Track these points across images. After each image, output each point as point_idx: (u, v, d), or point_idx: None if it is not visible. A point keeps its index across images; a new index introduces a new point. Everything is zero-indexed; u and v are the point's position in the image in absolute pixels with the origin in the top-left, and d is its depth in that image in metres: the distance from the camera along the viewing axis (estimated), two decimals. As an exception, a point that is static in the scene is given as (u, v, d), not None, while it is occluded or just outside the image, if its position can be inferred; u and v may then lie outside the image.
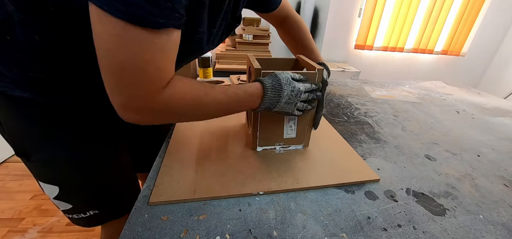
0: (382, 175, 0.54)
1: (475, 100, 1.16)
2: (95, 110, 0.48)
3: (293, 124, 0.57)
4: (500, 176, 0.58)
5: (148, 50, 0.30)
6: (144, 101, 0.33)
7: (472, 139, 0.76)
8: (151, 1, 0.27)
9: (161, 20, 0.29)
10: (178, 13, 0.30)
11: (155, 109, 0.35)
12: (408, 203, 0.47)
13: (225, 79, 1.08)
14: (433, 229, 0.42)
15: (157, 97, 0.34)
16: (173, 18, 0.30)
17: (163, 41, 0.31)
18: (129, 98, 0.33)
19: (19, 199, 1.33)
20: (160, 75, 0.33)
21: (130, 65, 0.30)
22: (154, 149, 0.58)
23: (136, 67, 0.30)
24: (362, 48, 2.63)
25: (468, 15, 2.62)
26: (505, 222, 0.45)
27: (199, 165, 0.52)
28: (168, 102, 0.35)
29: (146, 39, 0.29)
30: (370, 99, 1.06)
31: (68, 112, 0.45)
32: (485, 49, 2.89)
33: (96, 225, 0.56)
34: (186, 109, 0.39)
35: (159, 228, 0.38)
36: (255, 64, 0.50)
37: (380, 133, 0.75)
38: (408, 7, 2.44)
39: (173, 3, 0.29)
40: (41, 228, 1.18)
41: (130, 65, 0.30)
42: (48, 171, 0.47)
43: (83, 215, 0.52)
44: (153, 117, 0.37)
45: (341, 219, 0.42)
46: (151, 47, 0.30)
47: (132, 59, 0.30)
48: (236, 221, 0.40)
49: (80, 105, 0.46)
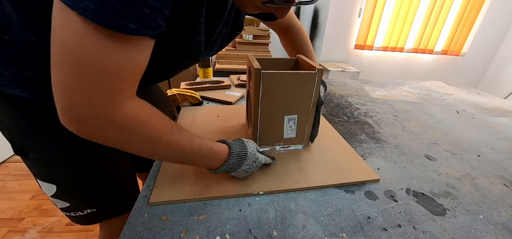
0: (382, 175, 0.54)
1: (475, 100, 1.16)
2: None
3: (293, 124, 0.57)
4: (500, 176, 0.58)
5: (112, 54, 0.27)
6: (95, 110, 0.28)
7: (472, 139, 0.76)
8: (126, 4, 0.24)
9: (133, 25, 0.26)
10: (156, 23, 0.28)
11: (106, 125, 0.30)
12: (408, 203, 0.47)
13: (225, 79, 1.08)
14: (433, 229, 0.42)
15: (113, 111, 0.29)
16: (148, 26, 0.27)
17: (131, 49, 0.28)
18: (78, 103, 0.28)
19: (19, 199, 1.33)
20: (121, 86, 0.29)
21: (88, 66, 0.26)
22: None
23: (95, 69, 0.27)
24: (362, 48, 2.63)
25: (468, 15, 2.62)
26: (505, 222, 0.45)
27: (199, 165, 0.52)
28: (124, 121, 0.31)
29: (112, 42, 0.26)
30: (370, 99, 1.06)
31: None
32: (485, 49, 2.89)
33: (95, 222, 0.56)
34: (140, 138, 0.33)
35: (159, 228, 0.38)
36: (255, 64, 0.50)
37: (380, 133, 0.75)
38: (408, 7, 2.44)
39: (152, 10, 0.26)
40: (41, 228, 1.18)
41: (88, 66, 0.26)
42: (46, 170, 0.47)
43: (81, 213, 0.53)
44: (99, 133, 0.31)
45: (341, 219, 0.42)
46: (116, 52, 0.27)
47: (92, 60, 0.26)
48: (236, 221, 0.40)
49: None
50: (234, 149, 0.44)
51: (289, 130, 0.57)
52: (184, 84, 0.98)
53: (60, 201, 0.50)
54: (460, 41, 2.79)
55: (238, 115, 0.76)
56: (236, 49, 1.96)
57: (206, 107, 0.82)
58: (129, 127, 0.31)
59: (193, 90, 0.88)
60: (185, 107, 0.80)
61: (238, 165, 0.45)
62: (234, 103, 0.87)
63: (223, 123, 0.70)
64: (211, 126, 0.68)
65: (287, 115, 0.55)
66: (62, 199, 0.50)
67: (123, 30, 0.26)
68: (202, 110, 0.79)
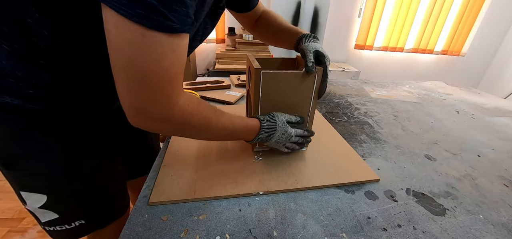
0: (382, 175, 0.54)
1: (475, 100, 1.16)
2: (87, 117, 0.47)
3: (293, 124, 0.57)
4: (500, 176, 0.58)
5: (167, 56, 0.30)
6: (161, 108, 0.33)
7: (472, 139, 0.76)
8: (167, 6, 0.26)
9: (177, 25, 0.28)
10: (190, 18, 0.30)
11: (170, 118, 0.35)
12: (408, 203, 0.47)
13: (225, 79, 1.08)
14: (433, 229, 0.42)
15: (174, 106, 0.34)
16: (186, 23, 0.30)
17: (179, 47, 0.31)
18: (146, 104, 0.32)
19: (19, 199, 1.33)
20: (177, 82, 0.33)
21: (149, 72, 0.29)
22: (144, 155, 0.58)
23: (156, 73, 0.30)
24: (362, 48, 2.63)
25: (468, 15, 2.62)
26: (505, 222, 0.45)
27: (199, 165, 0.52)
28: (182, 114, 0.36)
29: (165, 45, 0.29)
30: (370, 99, 1.06)
31: (59, 119, 0.43)
32: (485, 49, 2.89)
33: (79, 237, 0.53)
34: (196, 125, 0.39)
35: (159, 228, 0.38)
36: (255, 64, 0.50)
37: (380, 133, 0.75)
38: (408, 7, 2.45)
39: (187, 8, 0.29)
40: (41, 228, 1.18)
41: (150, 72, 0.29)
42: (37, 179, 0.44)
43: (68, 226, 0.50)
44: (165, 126, 0.36)
45: (341, 219, 0.42)
46: (169, 53, 0.30)
47: (152, 66, 0.29)
48: (236, 221, 0.40)
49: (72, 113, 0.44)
50: (264, 124, 0.49)
51: (289, 130, 0.57)
52: (184, 84, 0.98)
53: (49, 212, 0.47)
54: (460, 41, 2.79)
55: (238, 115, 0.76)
56: (236, 49, 1.96)
57: (206, 107, 0.82)
58: (187, 119, 0.37)
59: (193, 90, 0.88)
60: (185, 107, 0.80)
61: (269, 137, 0.50)
62: (234, 103, 0.87)
63: (223, 123, 0.70)
64: (211, 126, 0.68)
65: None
66: (51, 210, 0.47)
67: (171, 31, 0.28)
68: (202, 110, 0.79)
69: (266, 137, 0.50)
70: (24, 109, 0.39)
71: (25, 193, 0.45)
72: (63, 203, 0.48)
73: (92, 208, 0.52)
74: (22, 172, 0.44)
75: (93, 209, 0.52)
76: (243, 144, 0.60)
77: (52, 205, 0.47)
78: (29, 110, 0.39)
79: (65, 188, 0.47)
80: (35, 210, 0.47)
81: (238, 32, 2.11)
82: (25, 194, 0.45)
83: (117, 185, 0.57)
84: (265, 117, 0.50)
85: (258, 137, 0.49)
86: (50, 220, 0.48)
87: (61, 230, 0.50)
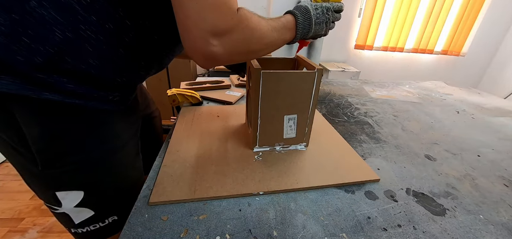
0: (382, 175, 0.54)
1: (475, 100, 1.16)
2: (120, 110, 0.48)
3: (293, 124, 0.57)
4: (500, 176, 0.58)
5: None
6: (228, 20, 0.36)
7: (472, 139, 0.76)
8: None
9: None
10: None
11: (237, 31, 0.37)
12: (408, 203, 0.47)
13: (225, 79, 1.08)
14: (433, 229, 0.42)
15: (235, 17, 0.36)
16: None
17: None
18: (216, 22, 0.35)
19: (19, 199, 1.33)
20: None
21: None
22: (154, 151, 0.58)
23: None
24: (362, 48, 2.63)
25: (468, 15, 2.62)
26: (505, 222, 0.45)
27: (199, 165, 0.52)
28: (246, 23, 0.38)
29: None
30: (370, 99, 1.06)
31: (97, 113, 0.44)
32: (485, 49, 2.89)
33: (110, 235, 0.53)
34: (257, 34, 0.41)
35: (159, 228, 0.38)
36: (254, 64, 0.50)
37: (380, 133, 0.75)
38: (408, 7, 2.44)
39: None
40: (41, 228, 1.18)
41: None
42: (74, 175, 0.45)
43: (101, 223, 0.50)
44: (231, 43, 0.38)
45: (341, 219, 0.42)
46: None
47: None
48: (236, 221, 0.40)
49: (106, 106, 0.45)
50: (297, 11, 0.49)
51: (289, 130, 0.57)
52: (184, 84, 0.98)
53: (86, 209, 0.47)
54: (460, 41, 2.79)
55: (238, 115, 0.76)
56: (236, 49, 1.95)
57: (206, 107, 0.82)
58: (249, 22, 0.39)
59: (193, 90, 0.88)
60: (185, 107, 0.80)
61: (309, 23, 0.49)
62: (234, 103, 0.87)
63: (223, 123, 0.70)
64: (211, 126, 0.68)
65: (287, 115, 0.55)
66: (88, 207, 0.48)
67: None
68: (202, 110, 0.79)
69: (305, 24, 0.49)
70: (62, 105, 0.39)
71: (62, 192, 0.45)
72: (99, 198, 0.49)
73: (125, 203, 0.52)
74: (61, 170, 0.43)
75: (125, 204, 0.52)
76: (243, 144, 0.60)
77: (89, 201, 0.47)
78: (67, 105, 0.39)
79: (103, 181, 0.48)
80: (71, 211, 0.47)
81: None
82: (61, 194, 0.45)
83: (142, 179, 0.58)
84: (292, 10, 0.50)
85: (298, 28, 0.49)
86: (85, 220, 0.49)
87: (94, 229, 0.51)
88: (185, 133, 0.64)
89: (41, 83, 0.36)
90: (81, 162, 0.44)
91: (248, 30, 0.39)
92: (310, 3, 0.51)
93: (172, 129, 0.66)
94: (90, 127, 0.44)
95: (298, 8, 0.50)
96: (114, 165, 0.49)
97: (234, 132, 0.66)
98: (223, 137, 0.63)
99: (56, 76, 0.37)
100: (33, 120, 0.39)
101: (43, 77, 0.36)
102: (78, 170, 0.45)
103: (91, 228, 0.50)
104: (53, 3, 0.33)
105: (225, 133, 0.65)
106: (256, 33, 0.41)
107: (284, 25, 0.47)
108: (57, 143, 0.41)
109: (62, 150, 0.42)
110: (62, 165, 0.43)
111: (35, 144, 0.40)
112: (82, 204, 0.47)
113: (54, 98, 0.37)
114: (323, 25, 0.51)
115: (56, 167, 0.43)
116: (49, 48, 0.34)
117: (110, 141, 0.48)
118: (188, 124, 0.69)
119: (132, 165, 0.54)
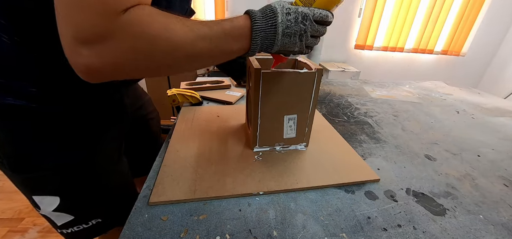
0: (382, 175, 0.54)
1: (475, 100, 1.16)
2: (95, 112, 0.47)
3: (293, 124, 0.57)
4: (500, 176, 0.58)
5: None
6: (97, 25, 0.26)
7: (472, 139, 0.76)
8: None
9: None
10: None
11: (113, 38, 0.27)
12: (408, 203, 0.47)
13: (225, 79, 1.08)
14: (433, 229, 0.42)
15: (115, 19, 0.27)
16: None
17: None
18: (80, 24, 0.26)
19: (19, 199, 1.33)
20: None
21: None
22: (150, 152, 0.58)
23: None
24: (362, 48, 2.63)
25: (468, 15, 2.62)
26: (505, 222, 0.45)
27: (199, 165, 0.52)
28: (137, 28, 0.28)
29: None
30: (370, 99, 1.06)
31: (66, 117, 0.43)
32: (485, 49, 2.89)
33: (97, 235, 0.53)
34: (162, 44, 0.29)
35: (159, 228, 0.38)
36: (254, 64, 0.50)
37: (380, 133, 0.75)
38: (408, 7, 2.44)
39: None
40: (41, 228, 1.18)
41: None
42: (48, 181, 0.44)
43: (85, 225, 0.49)
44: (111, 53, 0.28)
45: (341, 219, 0.42)
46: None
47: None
48: (236, 221, 0.40)
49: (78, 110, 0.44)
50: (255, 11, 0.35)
51: (289, 130, 0.57)
52: (184, 84, 0.98)
53: (63, 214, 0.47)
54: (460, 41, 2.79)
55: (238, 115, 0.76)
56: (236, 49, 1.95)
57: (206, 107, 0.82)
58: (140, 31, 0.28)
59: (193, 90, 0.88)
60: (185, 107, 0.80)
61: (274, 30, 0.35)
62: (234, 103, 0.87)
63: (223, 123, 0.70)
64: (211, 126, 0.68)
65: (287, 115, 0.55)
66: (66, 212, 0.47)
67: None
68: (202, 110, 0.79)
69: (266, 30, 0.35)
70: (28, 110, 0.38)
71: (38, 197, 0.44)
72: (76, 203, 0.48)
73: (108, 206, 0.51)
74: (32, 175, 0.43)
75: (108, 206, 0.52)
76: (243, 144, 0.60)
77: (65, 206, 0.46)
78: (34, 110, 0.38)
79: (79, 186, 0.47)
80: (50, 214, 0.47)
81: (238, 32, 2.10)
82: (37, 199, 0.45)
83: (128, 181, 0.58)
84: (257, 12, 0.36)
85: (255, 35, 0.35)
86: (66, 222, 0.48)
87: (78, 230, 0.50)
88: (185, 133, 0.64)
89: None
90: (48, 169, 0.43)
91: (142, 38, 0.28)
92: (283, 4, 0.36)
93: (172, 129, 0.66)
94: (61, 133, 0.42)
95: (263, 9, 0.36)
96: (90, 170, 0.47)
97: (234, 132, 0.66)
98: (223, 137, 0.63)
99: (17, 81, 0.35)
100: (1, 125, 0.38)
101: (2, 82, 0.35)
102: (50, 175, 0.43)
103: (75, 229, 0.49)
104: None
105: (225, 133, 0.65)
106: (160, 42, 0.29)
107: (229, 31, 0.34)
108: (20, 150, 0.40)
109: (26, 157, 0.41)
110: (30, 171, 0.42)
111: (5, 149, 0.40)
112: (60, 209, 0.46)
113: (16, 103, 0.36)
114: (296, 38, 0.37)
115: (26, 172, 0.42)
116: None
117: (83, 145, 0.45)
118: (188, 124, 0.69)
119: (113, 169, 0.52)
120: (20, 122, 0.39)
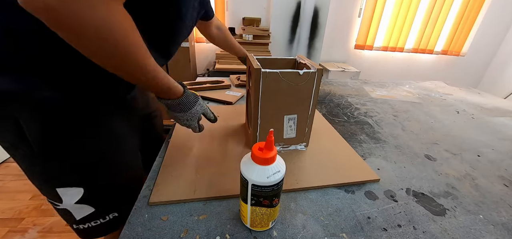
0: (382, 175, 0.54)
1: (475, 100, 1.16)
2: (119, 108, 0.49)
3: (293, 124, 0.57)
4: (500, 176, 0.58)
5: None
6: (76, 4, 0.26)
7: (472, 139, 0.76)
8: None
9: None
10: None
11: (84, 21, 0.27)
12: (408, 203, 0.47)
13: (225, 79, 1.08)
14: (433, 229, 0.42)
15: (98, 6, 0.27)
16: None
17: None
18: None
19: (19, 199, 1.33)
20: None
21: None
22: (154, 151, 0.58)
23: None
24: (362, 48, 2.63)
25: (468, 15, 2.62)
26: (505, 222, 0.45)
27: (199, 165, 0.52)
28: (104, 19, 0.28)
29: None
30: (370, 99, 1.06)
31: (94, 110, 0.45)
32: (485, 49, 2.89)
33: (111, 232, 0.54)
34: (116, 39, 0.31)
35: (159, 228, 0.38)
36: (255, 64, 0.50)
37: (380, 133, 0.74)
38: (408, 7, 2.44)
39: None
40: (41, 228, 1.18)
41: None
42: (74, 172, 0.45)
43: (102, 220, 0.51)
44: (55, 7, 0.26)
45: (341, 219, 0.42)
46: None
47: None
48: (236, 221, 0.40)
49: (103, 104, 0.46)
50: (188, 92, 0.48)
51: (289, 130, 0.57)
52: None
53: (85, 206, 0.48)
54: (460, 41, 2.79)
55: (238, 115, 0.76)
56: (236, 49, 1.96)
57: (206, 107, 0.82)
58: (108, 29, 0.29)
59: (193, 90, 0.87)
60: (185, 107, 0.80)
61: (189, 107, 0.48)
62: (234, 103, 0.87)
63: (223, 123, 0.70)
64: (211, 126, 0.68)
65: (287, 115, 0.55)
66: (88, 204, 0.48)
67: None
68: (202, 110, 0.79)
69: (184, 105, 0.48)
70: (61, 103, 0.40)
71: (62, 189, 0.46)
72: (99, 195, 0.49)
73: (125, 200, 0.52)
74: (59, 166, 0.44)
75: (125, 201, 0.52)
76: (243, 144, 0.60)
77: (89, 198, 0.48)
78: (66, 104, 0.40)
79: (103, 178, 0.48)
80: (71, 207, 0.48)
81: (238, 32, 2.10)
82: (61, 190, 0.46)
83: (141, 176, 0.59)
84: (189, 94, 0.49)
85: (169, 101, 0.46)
86: (86, 216, 0.49)
87: (95, 225, 0.51)
88: (185, 133, 0.64)
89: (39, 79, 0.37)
90: (80, 159, 0.45)
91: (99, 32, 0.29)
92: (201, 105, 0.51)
93: (172, 129, 0.66)
94: (88, 125, 0.44)
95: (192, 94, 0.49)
96: (113, 163, 0.49)
97: (234, 132, 0.66)
98: (223, 137, 0.63)
99: None
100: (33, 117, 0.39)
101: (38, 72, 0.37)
102: (77, 167, 0.45)
103: (92, 224, 0.51)
104: None
105: (225, 133, 0.65)
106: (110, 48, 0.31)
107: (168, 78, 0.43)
108: (55, 139, 0.42)
109: (60, 146, 0.43)
110: (61, 161, 0.44)
111: (35, 140, 0.41)
112: (82, 201, 0.47)
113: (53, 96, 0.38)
114: (195, 121, 0.51)
115: (55, 163, 0.44)
116: None
117: (108, 139, 0.48)
118: (188, 124, 0.69)
119: (132, 163, 0.55)
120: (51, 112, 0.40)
